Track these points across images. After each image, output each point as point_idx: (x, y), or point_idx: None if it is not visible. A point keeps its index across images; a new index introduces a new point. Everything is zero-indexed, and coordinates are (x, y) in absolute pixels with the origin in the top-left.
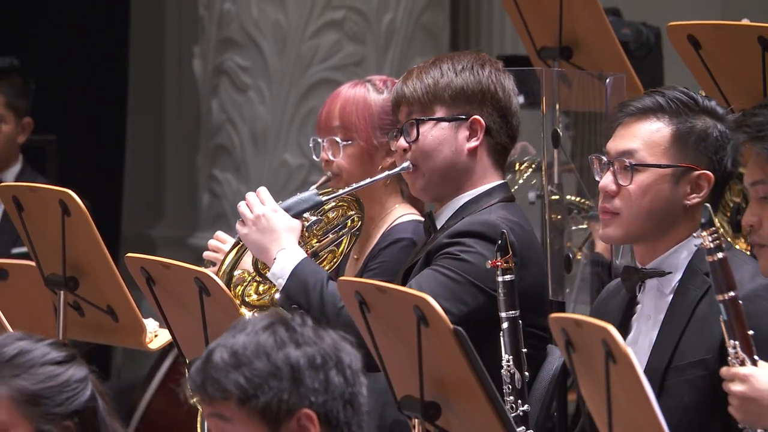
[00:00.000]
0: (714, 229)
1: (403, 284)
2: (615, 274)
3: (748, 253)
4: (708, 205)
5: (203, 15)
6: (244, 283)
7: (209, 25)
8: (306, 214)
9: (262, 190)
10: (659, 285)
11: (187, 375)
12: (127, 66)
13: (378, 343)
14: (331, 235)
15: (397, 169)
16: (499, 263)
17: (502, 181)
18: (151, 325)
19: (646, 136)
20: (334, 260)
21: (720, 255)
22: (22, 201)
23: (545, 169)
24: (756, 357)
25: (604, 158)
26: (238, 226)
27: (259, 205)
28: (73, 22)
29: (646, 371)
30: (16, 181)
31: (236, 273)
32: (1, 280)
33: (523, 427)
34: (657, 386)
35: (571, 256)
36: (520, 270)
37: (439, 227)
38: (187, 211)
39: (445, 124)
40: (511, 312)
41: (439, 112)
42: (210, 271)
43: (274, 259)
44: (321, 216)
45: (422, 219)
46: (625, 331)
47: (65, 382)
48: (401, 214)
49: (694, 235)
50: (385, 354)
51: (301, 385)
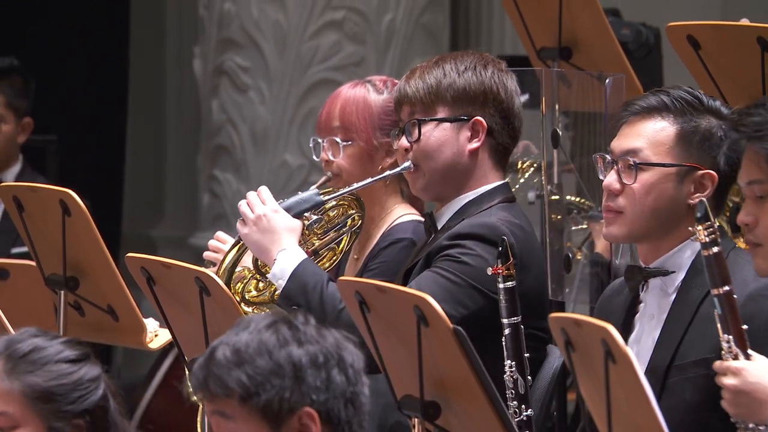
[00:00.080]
0: (709, 223)
1: (404, 285)
2: (614, 274)
3: None
4: (704, 199)
5: (203, 15)
6: (245, 281)
7: (209, 26)
8: (307, 213)
9: (263, 190)
10: (662, 284)
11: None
12: (128, 66)
13: (378, 343)
14: (331, 234)
15: (399, 169)
16: (501, 270)
17: (503, 182)
18: (151, 324)
19: (650, 135)
20: (334, 258)
21: (715, 249)
22: (23, 201)
23: (545, 169)
24: (750, 351)
25: (608, 157)
26: (239, 226)
27: (260, 204)
28: (73, 22)
29: (649, 370)
30: (16, 181)
31: (236, 270)
32: (1, 279)
33: None
34: (659, 385)
35: (570, 256)
36: (520, 272)
37: (439, 227)
38: (188, 211)
39: (447, 125)
40: (513, 318)
41: (441, 113)
42: (210, 271)
43: (275, 259)
44: (321, 215)
45: (422, 219)
46: (628, 330)
47: (78, 381)
48: (401, 214)
49: (690, 228)
50: (385, 354)
51: (303, 384)
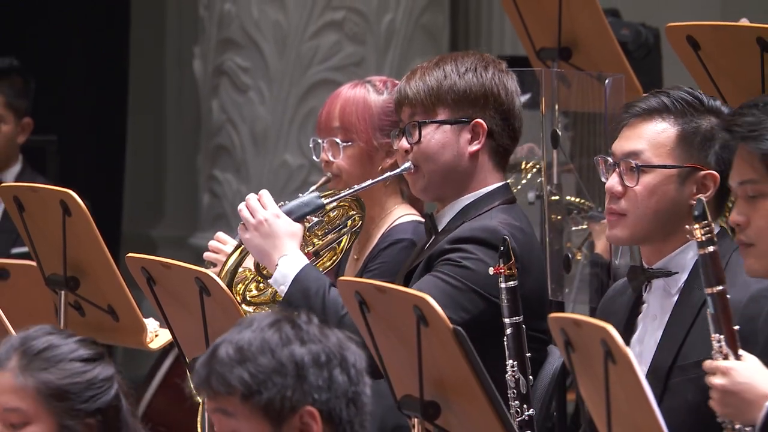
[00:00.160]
0: (706, 222)
1: (404, 286)
2: (614, 275)
3: None
4: (702, 198)
5: (203, 15)
6: (246, 282)
7: (209, 26)
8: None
9: (264, 194)
10: (665, 285)
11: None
12: (128, 66)
13: (378, 343)
14: (332, 235)
15: (399, 170)
16: (502, 270)
17: (504, 183)
18: (151, 324)
19: (651, 136)
20: (335, 258)
21: (711, 248)
22: (23, 201)
23: (545, 170)
24: (741, 352)
25: (610, 159)
26: (240, 231)
27: (261, 209)
28: (73, 22)
29: (651, 370)
30: (16, 182)
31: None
32: (1, 280)
33: None
34: (661, 385)
35: (570, 256)
36: (521, 275)
37: (440, 229)
38: (188, 212)
39: (447, 127)
40: (514, 318)
41: (442, 115)
42: (211, 272)
43: (276, 265)
44: (322, 216)
45: (422, 220)
46: (631, 331)
47: (91, 380)
48: (401, 214)
49: (686, 227)
50: (385, 354)
51: (305, 383)
